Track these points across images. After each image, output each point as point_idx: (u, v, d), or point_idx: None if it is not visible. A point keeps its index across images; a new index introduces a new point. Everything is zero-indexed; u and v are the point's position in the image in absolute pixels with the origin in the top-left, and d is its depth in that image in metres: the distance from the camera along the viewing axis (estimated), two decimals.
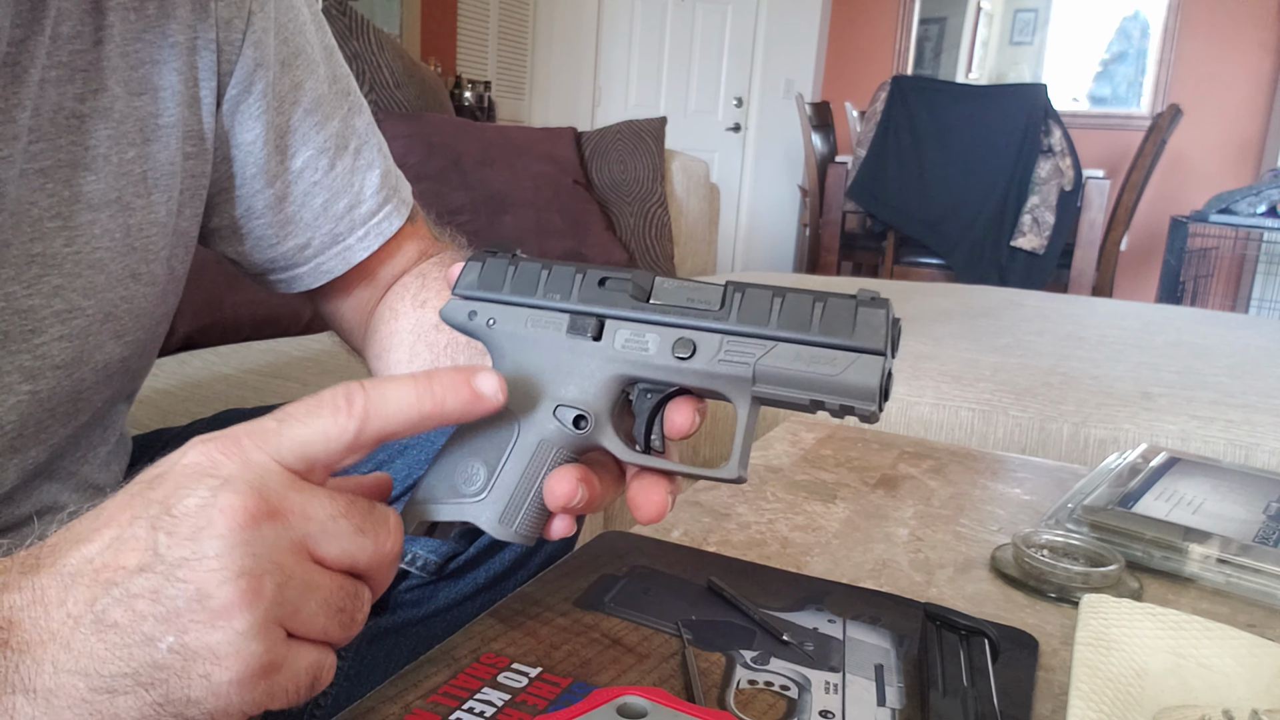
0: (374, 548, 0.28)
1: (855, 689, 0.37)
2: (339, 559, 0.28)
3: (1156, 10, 3.80)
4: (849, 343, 0.31)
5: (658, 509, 0.34)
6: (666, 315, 0.33)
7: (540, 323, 0.35)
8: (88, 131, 0.41)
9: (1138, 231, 3.62)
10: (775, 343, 0.32)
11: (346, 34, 1.42)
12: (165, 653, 0.25)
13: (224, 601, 0.25)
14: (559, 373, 0.34)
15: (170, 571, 0.25)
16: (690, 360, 0.33)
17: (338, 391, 0.28)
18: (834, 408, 0.32)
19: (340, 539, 0.27)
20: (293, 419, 0.28)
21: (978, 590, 0.49)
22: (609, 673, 0.37)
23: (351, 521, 0.28)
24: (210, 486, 0.26)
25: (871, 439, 0.76)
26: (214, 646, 0.25)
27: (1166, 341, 1.46)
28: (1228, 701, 0.36)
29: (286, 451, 0.27)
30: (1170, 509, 0.58)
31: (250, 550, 0.25)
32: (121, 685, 0.25)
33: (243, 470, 0.26)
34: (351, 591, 0.28)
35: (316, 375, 1.01)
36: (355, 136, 0.53)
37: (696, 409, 0.34)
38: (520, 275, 0.35)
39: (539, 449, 0.34)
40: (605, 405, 0.34)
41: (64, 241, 0.41)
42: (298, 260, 0.53)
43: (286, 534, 0.26)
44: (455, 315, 0.36)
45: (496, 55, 3.77)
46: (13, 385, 0.40)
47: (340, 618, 0.27)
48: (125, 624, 0.25)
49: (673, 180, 1.89)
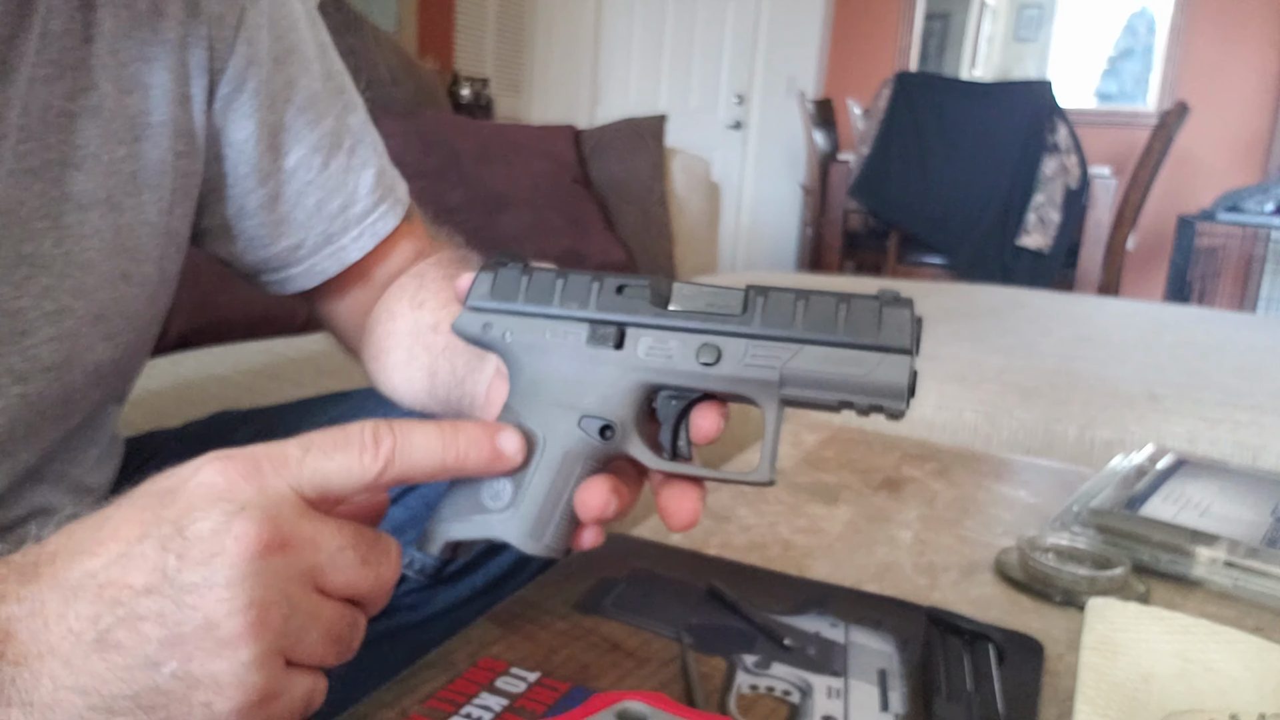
0: (375, 579, 0.29)
1: (858, 694, 0.36)
2: (342, 590, 0.28)
3: (1163, 6, 3.78)
4: (875, 342, 0.32)
5: (691, 515, 0.34)
6: (689, 321, 0.33)
7: (559, 333, 0.34)
8: (77, 130, 0.41)
9: (1144, 230, 3.60)
10: (802, 345, 0.32)
11: (342, 30, 1.41)
12: (168, 678, 0.25)
13: (231, 632, 0.25)
14: (581, 383, 0.34)
15: (179, 596, 0.25)
16: (716, 366, 0.33)
17: (366, 429, 0.29)
18: (862, 407, 0.32)
19: (346, 570, 0.28)
20: (317, 450, 0.28)
21: (982, 594, 0.48)
22: (609, 677, 0.37)
23: (357, 553, 0.28)
24: (225, 512, 0.26)
25: (874, 440, 0.75)
26: (217, 675, 0.25)
27: (1174, 342, 1.45)
28: (1235, 705, 0.36)
29: (305, 482, 0.28)
30: (1177, 511, 0.57)
31: (261, 581, 0.25)
32: (121, 706, 0.25)
33: (259, 497, 0.26)
34: (351, 621, 0.28)
35: (312, 376, 1.01)
36: (349, 135, 0.53)
37: (721, 413, 0.34)
38: (535, 285, 0.35)
39: (565, 461, 0.34)
40: (630, 414, 0.34)
41: (53, 242, 0.40)
42: (291, 261, 0.52)
43: (296, 565, 0.26)
44: (469, 328, 0.36)
45: (494, 51, 3.77)
46: (2, 388, 0.40)
47: (338, 646, 0.28)
48: (129, 645, 0.25)
49: (673, 179, 1.88)
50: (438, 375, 0.47)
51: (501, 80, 3.80)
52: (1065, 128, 2.90)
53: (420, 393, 0.49)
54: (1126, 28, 3.90)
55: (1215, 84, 3.71)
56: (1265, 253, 3.44)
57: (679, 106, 4.26)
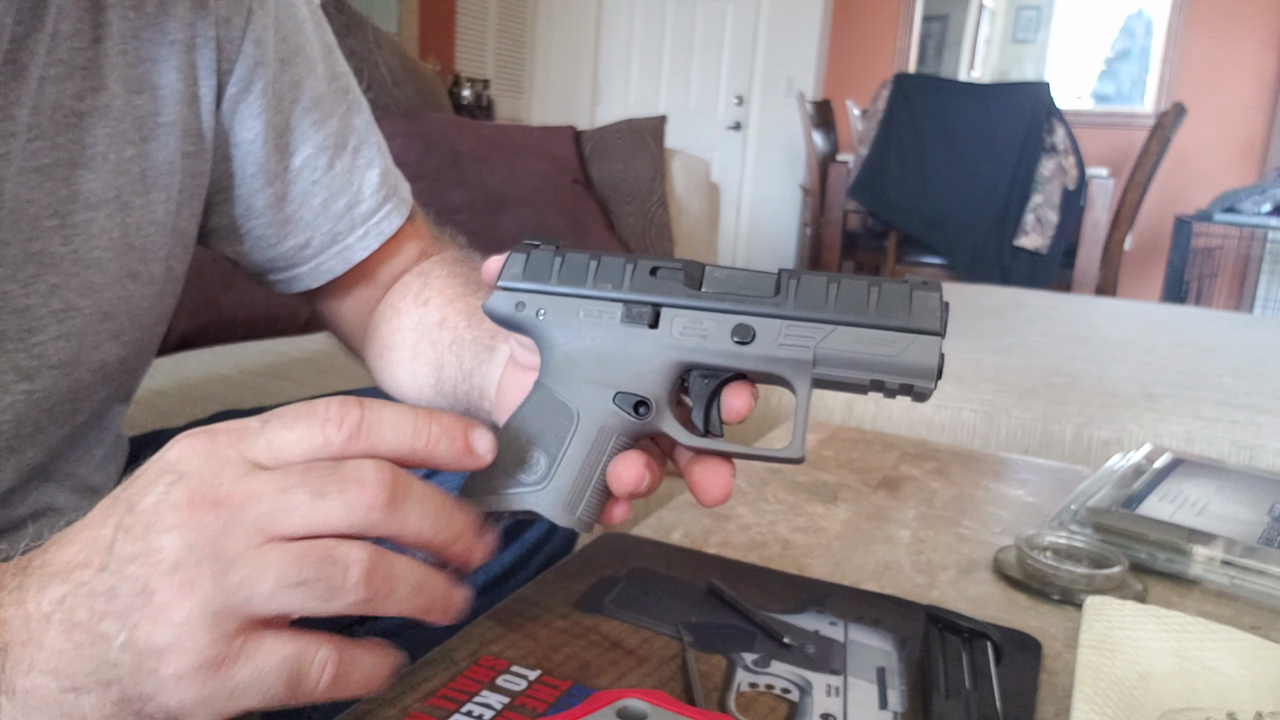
0: (344, 509, 0.26)
1: (857, 692, 0.37)
2: (304, 530, 0.26)
3: (1160, 8, 3.79)
4: (907, 325, 0.33)
5: (723, 490, 0.35)
6: (723, 302, 0.34)
7: (593, 312, 0.35)
8: (86, 129, 0.41)
9: (1142, 231, 3.60)
10: (835, 326, 0.33)
11: (344, 31, 1.41)
12: (118, 650, 0.25)
13: (163, 596, 0.25)
14: (615, 361, 0.35)
15: (121, 569, 0.25)
16: (750, 345, 0.34)
17: (333, 403, 0.28)
18: (893, 387, 0.33)
19: (297, 510, 0.26)
20: (277, 420, 0.27)
21: (980, 592, 0.49)
22: (609, 675, 0.37)
23: (307, 488, 0.26)
24: (167, 483, 0.26)
25: (873, 440, 0.75)
26: (156, 641, 0.25)
27: (1171, 342, 1.46)
28: (1232, 704, 0.36)
29: (260, 451, 0.27)
30: (1174, 510, 0.57)
31: (185, 540, 0.25)
32: (85, 684, 0.25)
33: (203, 465, 0.26)
34: (318, 557, 0.25)
35: (314, 375, 1.01)
36: (354, 135, 0.53)
37: (752, 392, 0.35)
38: (569, 266, 0.36)
39: (599, 436, 0.34)
40: (664, 392, 0.35)
41: (62, 240, 0.41)
42: (297, 260, 0.53)
43: (233, 520, 0.25)
44: (501, 307, 0.36)
45: (495, 53, 3.77)
46: (9, 385, 0.40)
47: (313, 589, 0.25)
48: (87, 622, 0.25)
49: (673, 179, 1.88)
50: (444, 370, 0.47)
51: (502, 81, 3.80)
52: (1063, 129, 2.91)
53: (426, 388, 0.49)
54: (1124, 29, 3.91)
55: (1212, 85, 3.72)
56: (1261, 253, 3.45)
57: (679, 107, 4.26)
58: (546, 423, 0.35)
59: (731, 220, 4.35)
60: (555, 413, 0.35)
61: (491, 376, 0.44)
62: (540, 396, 0.35)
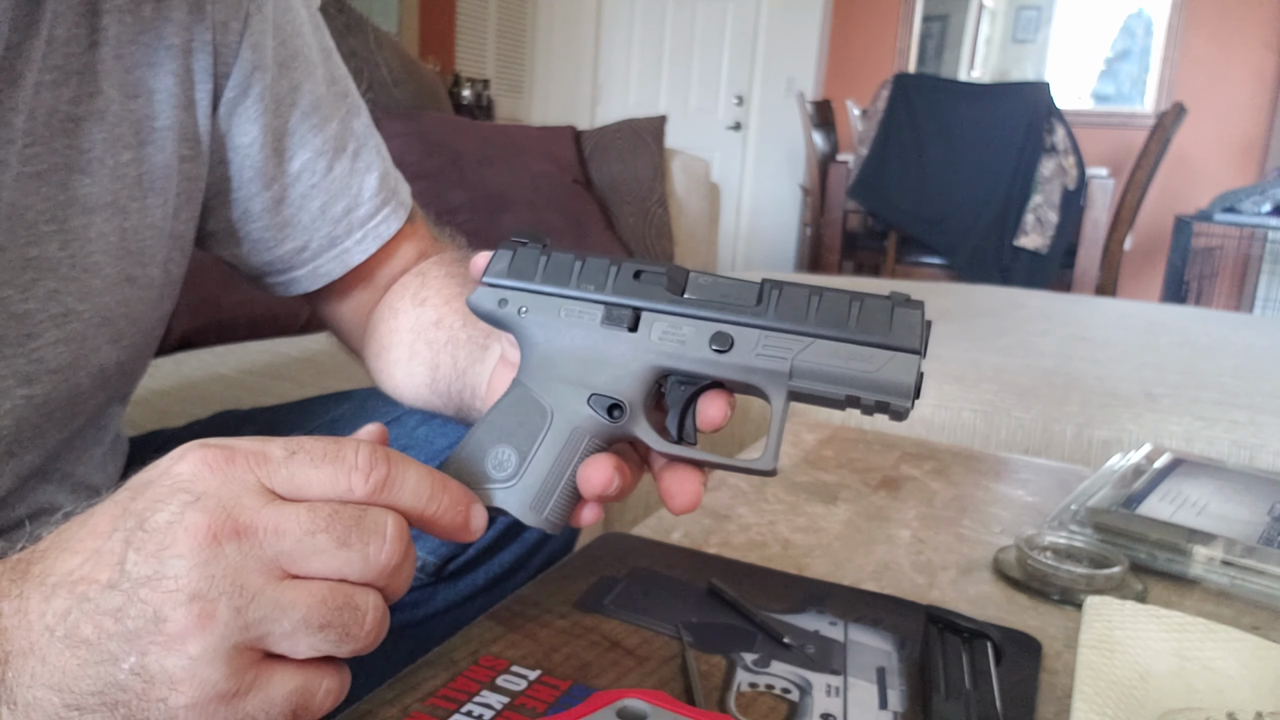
0: (363, 561, 0.26)
1: (857, 692, 0.37)
2: (322, 574, 0.26)
3: (1160, 8, 3.79)
4: (886, 341, 0.32)
5: (692, 498, 0.34)
6: (704, 310, 0.34)
7: (574, 313, 0.35)
8: (82, 134, 0.41)
9: (1142, 231, 3.60)
10: (813, 339, 0.33)
11: (344, 32, 1.42)
12: (127, 674, 0.24)
13: (178, 626, 0.24)
14: (593, 362, 0.35)
15: (134, 590, 0.24)
16: (727, 354, 0.33)
17: (363, 452, 0.27)
18: (869, 404, 0.33)
19: (322, 554, 0.26)
20: (304, 455, 0.27)
21: (980, 592, 0.49)
22: (609, 675, 0.37)
23: (333, 535, 0.26)
24: (182, 502, 0.25)
25: (873, 440, 0.75)
26: (170, 671, 0.24)
27: (1171, 342, 1.46)
28: (1232, 704, 0.36)
29: (281, 481, 0.26)
30: (1174, 510, 0.57)
31: (206, 572, 0.24)
32: (89, 704, 0.24)
33: (221, 487, 0.26)
34: (340, 604, 0.26)
35: (314, 376, 1.01)
36: (353, 138, 0.53)
37: (729, 402, 0.35)
38: (553, 265, 0.36)
39: (572, 437, 0.34)
40: (639, 396, 0.34)
41: (59, 245, 0.41)
42: (295, 263, 0.53)
43: (254, 553, 0.25)
44: (484, 303, 0.36)
45: (495, 53, 3.77)
46: (9, 390, 0.40)
47: (329, 634, 0.26)
48: (93, 640, 0.24)
49: (673, 179, 1.88)
50: (439, 369, 0.47)
51: (502, 81, 3.80)
52: (1063, 129, 2.91)
53: (421, 387, 0.49)
54: (1124, 29, 3.91)
55: (1212, 85, 3.72)
56: (1261, 253, 3.45)
57: (679, 107, 4.26)
58: (520, 420, 0.35)
59: (731, 220, 4.35)
60: (530, 411, 0.35)
61: (483, 375, 0.44)
62: (517, 394, 0.35)
